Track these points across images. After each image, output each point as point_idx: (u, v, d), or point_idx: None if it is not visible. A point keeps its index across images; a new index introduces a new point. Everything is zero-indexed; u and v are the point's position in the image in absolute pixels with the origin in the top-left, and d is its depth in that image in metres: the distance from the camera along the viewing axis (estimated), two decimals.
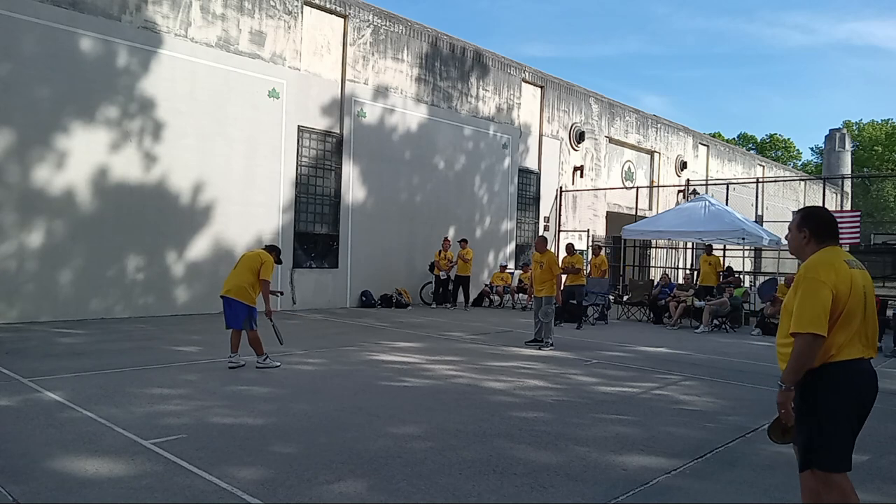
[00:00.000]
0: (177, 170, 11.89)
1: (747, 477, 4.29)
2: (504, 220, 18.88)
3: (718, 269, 14.99)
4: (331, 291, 14.52)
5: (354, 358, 8.26)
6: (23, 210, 10.19)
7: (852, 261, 2.91)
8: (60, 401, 5.48)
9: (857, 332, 2.82)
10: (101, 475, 3.86)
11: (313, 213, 14.30)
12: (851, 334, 2.80)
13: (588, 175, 22.05)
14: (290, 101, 13.57)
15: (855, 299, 2.79)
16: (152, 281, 11.66)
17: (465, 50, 17.59)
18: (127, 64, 11.26)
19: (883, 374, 8.74)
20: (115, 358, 7.52)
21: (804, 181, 35.01)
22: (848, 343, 2.79)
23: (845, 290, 2.78)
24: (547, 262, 9.90)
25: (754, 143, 64.27)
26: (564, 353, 9.23)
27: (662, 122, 26.00)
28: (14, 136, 10.07)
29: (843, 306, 2.77)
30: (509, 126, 18.96)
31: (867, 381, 2.84)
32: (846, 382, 2.78)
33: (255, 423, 5.05)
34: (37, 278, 10.35)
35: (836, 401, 2.78)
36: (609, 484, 4.01)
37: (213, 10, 12.34)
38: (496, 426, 5.24)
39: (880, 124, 59.19)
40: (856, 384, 2.80)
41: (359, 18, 14.88)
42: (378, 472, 4.08)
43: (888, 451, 5.09)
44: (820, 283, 2.77)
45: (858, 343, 2.82)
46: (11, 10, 9.97)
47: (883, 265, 24.71)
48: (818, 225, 2.98)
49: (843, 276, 2.80)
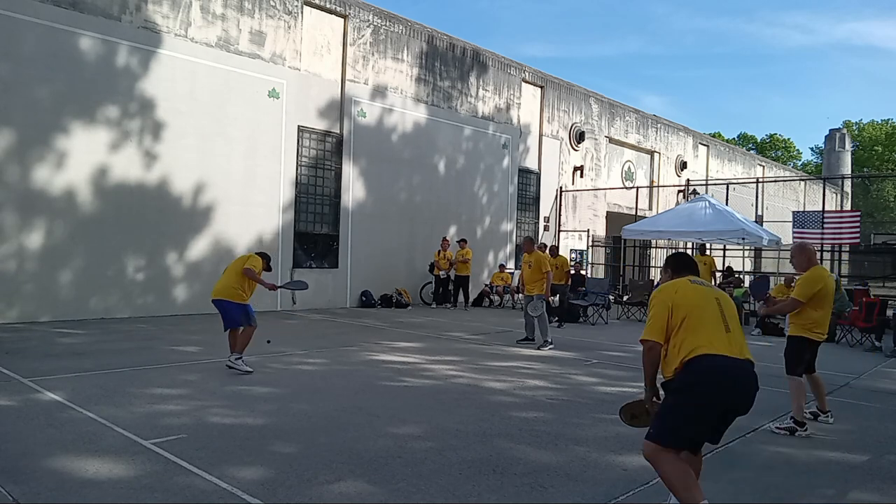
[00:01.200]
0: (177, 170, 11.89)
1: (747, 477, 4.29)
2: (504, 220, 18.88)
3: (713, 268, 14.98)
4: (331, 291, 14.52)
5: (354, 358, 8.26)
6: (23, 210, 10.19)
7: (701, 281, 3.48)
8: (60, 401, 5.48)
9: (712, 335, 3.20)
10: (101, 475, 3.86)
11: (313, 213, 14.30)
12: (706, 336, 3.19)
13: (588, 175, 22.05)
14: (290, 101, 13.57)
15: (699, 309, 3.28)
16: (152, 281, 11.66)
17: (464, 50, 17.58)
18: (127, 64, 11.26)
19: (883, 374, 8.76)
20: (115, 358, 7.52)
21: (804, 181, 35.00)
22: (705, 344, 3.17)
23: (685, 304, 3.28)
24: (535, 261, 9.98)
25: (754, 143, 64.25)
26: (564, 353, 9.22)
27: (662, 122, 26.00)
28: (14, 136, 10.07)
29: (685, 315, 3.25)
30: (509, 126, 18.95)
31: (725, 376, 3.14)
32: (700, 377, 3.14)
33: (255, 423, 5.05)
34: (37, 278, 10.35)
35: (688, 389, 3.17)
36: (609, 484, 4.02)
37: (213, 10, 12.34)
38: (496, 426, 5.24)
39: (880, 124, 59.17)
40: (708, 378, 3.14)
41: (359, 18, 14.88)
42: (378, 472, 4.08)
43: (888, 451, 5.09)
44: (659, 302, 3.35)
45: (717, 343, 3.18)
46: (11, 10, 9.97)
47: (883, 265, 24.71)
48: (675, 265, 3.65)
49: (682, 294, 3.34)
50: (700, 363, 3.13)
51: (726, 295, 3.46)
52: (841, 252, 18.79)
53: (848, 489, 4.22)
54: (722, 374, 3.12)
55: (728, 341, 3.19)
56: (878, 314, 11.40)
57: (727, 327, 3.24)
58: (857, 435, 5.49)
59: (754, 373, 3.21)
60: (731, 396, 3.14)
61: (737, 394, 3.15)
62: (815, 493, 4.10)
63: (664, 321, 3.28)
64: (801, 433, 5.31)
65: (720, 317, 3.26)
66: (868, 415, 6.31)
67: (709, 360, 3.12)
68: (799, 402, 5.39)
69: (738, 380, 3.15)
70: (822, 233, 16.07)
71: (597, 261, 21.84)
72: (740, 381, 3.16)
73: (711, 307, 3.29)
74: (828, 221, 16.17)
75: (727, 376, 3.13)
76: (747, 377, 3.18)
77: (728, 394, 3.13)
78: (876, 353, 10.81)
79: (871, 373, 8.81)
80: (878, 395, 7.29)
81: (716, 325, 3.23)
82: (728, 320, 3.27)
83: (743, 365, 3.17)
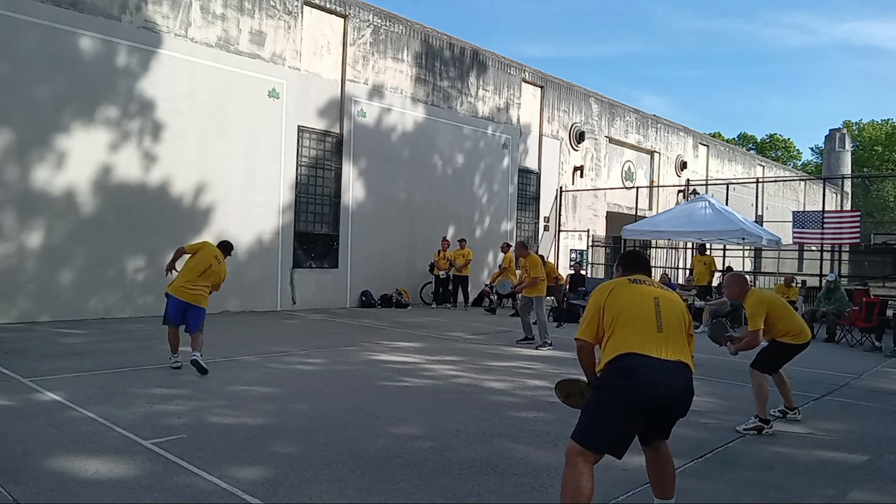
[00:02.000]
0: (177, 170, 11.89)
1: (747, 477, 4.29)
2: (504, 220, 18.88)
3: (713, 268, 14.98)
4: (331, 291, 14.52)
5: (354, 358, 8.26)
6: (23, 210, 10.19)
7: (643, 280, 3.45)
8: (60, 401, 5.48)
9: (642, 335, 3.16)
10: (101, 475, 3.86)
11: (313, 213, 14.30)
12: (634, 336, 3.15)
13: (588, 175, 22.05)
14: (290, 101, 13.57)
15: (632, 309, 3.25)
16: (152, 281, 11.65)
17: (464, 50, 17.58)
18: (127, 64, 11.26)
19: (883, 374, 8.76)
20: (115, 358, 7.52)
21: (804, 181, 34.99)
22: (630, 344, 3.14)
23: (617, 304, 3.28)
24: (528, 265, 9.98)
25: (754, 143, 64.25)
26: (564, 353, 9.23)
27: (662, 122, 26.00)
28: (14, 136, 10.07)
29: (616, 315, 3.24)
30: (509, 126, 18.95)
31: (644, 375, 3.06)
32: (618, 376, 3.11)
33: (255, 423, 5.05)
34: (37, 278, 10.35)
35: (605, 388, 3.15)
36: (609, 484, 4.01)
37: (213, 10, 12.34)
38: (496, 426, 5.24)
39: (880, 124, 59.18)
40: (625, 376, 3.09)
41: (359, 18, 14.88)
42: (378, 472, 4.08)
43: (888, 451, 5.09)
44: (592, 302, 3.39)
45: (645, 343, 3.13)
46: (11, 10, 9.97)
47: (883, 265, 24.71)
48: (625, 263, 3.67)
49: (616, 294, 3.34)
50: (621, 362, 3.11)
51: (672, 295, 3.42)
52: (841, 252, 18.79)
53: (848, 489, 4.22)
54: (640, 374, 3.05)
55: (658, 341, 3.14)
56: (878, 314, 11.40)
57: (660, 328, 3.18)
58: (857, 435, 5.49)
59: (684, 373, 3.14)
60: (651, 395, 3.04)
61: (658, 395, 3.04)
62: (815, 493, 4.10)
63: (595, 321, 3.32)
64: (768, 430, 5.34)
65: (654, 317, 3.22)
66: (868, 415, 6.31)
67: (630, 359, 3.09)
68: (763, 401, 5.43)
69: (659, 380, 3.05)
70: (822, 233, 16.07)
71: (597, 261, 21.84)
72: (663, 382, 3.05)
73: (646, 307, 3.25)
74: (828, 221, 16.17)
75: (646, 376, 3.05)
76: (672, 377, 3.08)
77: (647, 393, 3.03)
78: (876, 353, 10.81)
79: (871, 373, 8.81)
80: (878, 395, 7.29)
81: (647, 326, 3.19)
82: (664, 321, 3.21)
83: (668, 366, 3.09)
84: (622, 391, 3.07)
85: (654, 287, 3.42)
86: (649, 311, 3.24)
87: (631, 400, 3.06)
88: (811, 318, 12.59)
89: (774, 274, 22.89)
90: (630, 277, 3.47)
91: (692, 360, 3.23)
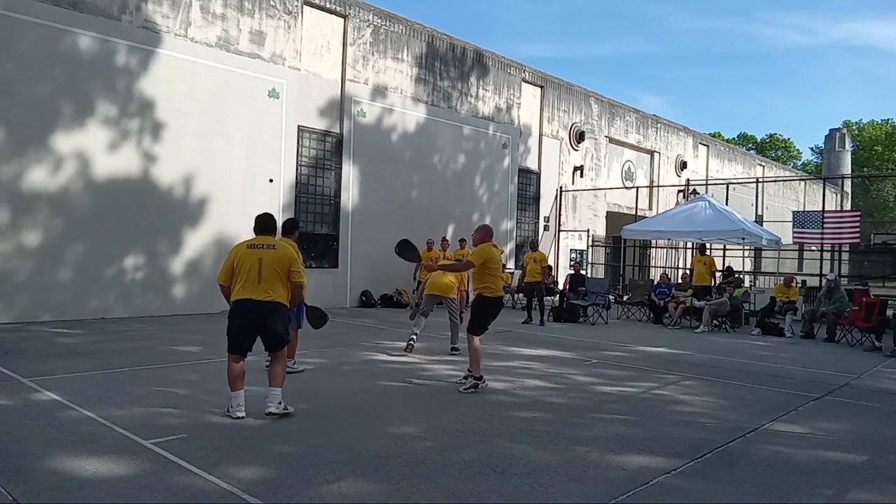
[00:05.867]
0: (176, 170, 11.89)
1: (747, 477, 4.29)
2: (504, 220, 18.87)
3: (713, 268, 14.98)
4: (331, 291, 14.51)
5: (354, 358, 8.26)
6: (22, 210, 10.18)
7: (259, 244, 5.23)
8: (60, 401, 5.48)
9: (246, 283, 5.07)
10: (101, 475, 3.86)
11: (313, 212, 14.30)
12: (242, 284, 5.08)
13: (588, 175, 22.05)
14: (289, 101, 13.56)
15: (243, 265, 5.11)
16: (151, 281, 11.66)
17: (464, 50, 17.58)
18: (126, 63, 11.25)
19: (883, 374, 8.77)
20: (114, 358, 7.52)
21: (804, 181, 35.01)
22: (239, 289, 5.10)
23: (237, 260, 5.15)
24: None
25: (754, 143, 64.29)
26: (564, 353, 9.23)
27: (662, 122, 26.00)
28: (13, 135, 10.06)
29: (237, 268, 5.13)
30: (509, 126, 18.95)
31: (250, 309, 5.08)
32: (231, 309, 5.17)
33: (255, 423, 5.05)
34: (36, 278, 10.34)
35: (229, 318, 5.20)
36: (609, 484, 4.01)
37: (213, 9, 12.34)
38: (496, 426, 5.24)
39: (880, 124, 59.22)
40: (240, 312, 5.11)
41: (359, 18, 14.88)
42: (378, 472, 4.08)
43: (888, 451, 5.09)
44: (228, 256, 5.25)
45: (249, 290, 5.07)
46: (11, 10, 9.96)
47: (883, 265, 24.73)
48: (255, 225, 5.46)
49: (239, 254, 5.17)
50: (235, 303, 5.10)
51: (275, 255, 5.12)
52: (841, 252, 18.80)
53: (848, 489, 4.22)
54: (241, 309, 5.06)
55: (255, 288, 5.04)
56: (878, 314, 11.39)
57: (260, 279, 5.04)
58: (857, 435, 5.49)
59: (268, 307, 5.04)
60: (248, 322, 5.08)
61: (252, 320, 5.07)
62: (814, 493, 4.09)
63: (228, 269, 5.17)
64: (483, 385, 6.47)
65: (257, 271, 5.05)
66: (868, 415, 6.31)
67: (238, 301, 5.07)
68: (478, 359, 6.55)
69: (251, 312, 5.04)
70: (822, 233, 16.08)
71: (597, 261, 21.84)
72: (255, 314, 5.05)
73: (252, 264, 5.07)
74: (828, 221, 16.17)
75: (245, 311, 5.06)
76: (259, 310, 5.04)
77: (245, 320, 5.08)
78: (876, 353, 10.81)
79: (871, 373, 8.81)
80: (878, 395, 7.29)
81: (250, 276, 5.05)
82: (263, 273, 5.05)
83: (258, 303, 5.03)
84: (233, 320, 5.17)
85: (264, 249, 5.15)
86: (254, 267, 5.08)
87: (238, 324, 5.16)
88: (811, 317, 12.60)
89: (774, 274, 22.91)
90: (250, 241, 5.25)
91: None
